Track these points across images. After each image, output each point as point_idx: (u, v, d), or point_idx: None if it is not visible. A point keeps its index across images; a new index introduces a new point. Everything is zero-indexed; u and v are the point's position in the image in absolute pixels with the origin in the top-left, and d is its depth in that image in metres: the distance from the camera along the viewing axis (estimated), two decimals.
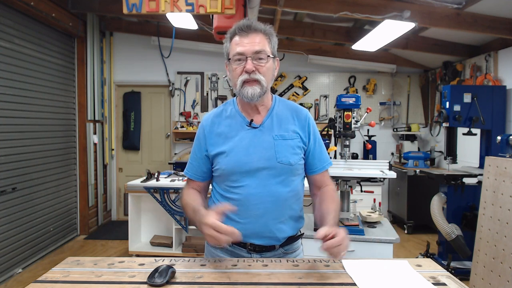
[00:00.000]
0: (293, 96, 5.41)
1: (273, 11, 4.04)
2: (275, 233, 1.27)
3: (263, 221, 1.25)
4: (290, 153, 1.27)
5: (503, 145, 2.97)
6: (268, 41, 1.24)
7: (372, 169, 2.47)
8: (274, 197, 1.25)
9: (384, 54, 5.13)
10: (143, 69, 5.40)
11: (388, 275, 1.05)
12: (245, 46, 1.20)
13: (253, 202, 1.24)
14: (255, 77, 1.20)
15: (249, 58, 1.19)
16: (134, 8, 2.70)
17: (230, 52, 1.25)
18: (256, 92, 1.21)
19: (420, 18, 3.42)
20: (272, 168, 1.24)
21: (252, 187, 1.24)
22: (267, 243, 1.28)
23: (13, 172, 3.45)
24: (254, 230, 1.26)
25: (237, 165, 1.24)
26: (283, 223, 1.28)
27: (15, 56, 3.49)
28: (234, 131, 1.29)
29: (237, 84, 1.23)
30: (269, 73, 1.24)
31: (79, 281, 1.03)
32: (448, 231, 3.13)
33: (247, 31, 1.21)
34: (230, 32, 1.26)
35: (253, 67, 1.19)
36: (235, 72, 1.23)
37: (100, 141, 5.08)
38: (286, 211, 1.29)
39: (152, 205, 3.85)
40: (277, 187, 1.25)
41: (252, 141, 1.26)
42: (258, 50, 1.20)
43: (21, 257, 3.56)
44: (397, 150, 5.41)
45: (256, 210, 1.24)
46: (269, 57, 1.23)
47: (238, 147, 1.26)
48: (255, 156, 1.24)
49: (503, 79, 3.81)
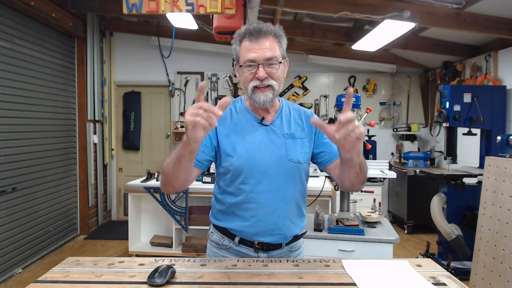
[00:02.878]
0: (293, 96, 5.41)
1: (273, 11, 4.04)
2: (284, 231, 1.28)
3: (273, 219, 1.25)
4: (299, 152, 1.28)
5: (503, 145, 2.97)
6: (278, 44, 1.22)
7: (372, 169, 2.47)
8: (283, 195, 1.26)
9: (384, 54, 5.13)
10: (143, 69, 5.40)
11: (388, 275, 1.05)
12: (256, 52, 1.18)
13: (263, 199, 1.24)
14: (267, 83, 1.20)
15: (261, 65, 1.18)
16: (134, 8, 2.70)
17: (240, 57, 1.23)
18: (268, 98, 1.21)
19: (420, 18, 3.42)
20: (282, 166, 1.25)
21: (263, 184, 1.24)
22: (275, 241, 1.28)
23: (13, 172, 3.45)
24: (263, 228, 1.26)
25: (248, 162, 1.23)
26: (291, 221, 1.29)
27: (15, 56, 3.49)
28: (245, 127, 1.28)
29: (248, 88, 1.22)
30: (280, 78, 1.23)
31: (79, 281, 1.03)
32: (448, 231, 3.13)
33: (258, 37, 1.19)
34: (240, 34, 1.23)
35: (265, 75, 1.18)
36: (246, 78, 1.22)
37: (100, 141, 5.08)
38: (294, 209, 1.30)
39: (152, 205, 3.85)
40: (286, 185, 1.26)
41: (264, 138, 1.26)
42: (270, 56, 1.18)
43: (21, 257, 3.56)
44: (397, 150, 5.41)
45: (267, 208, 1.24)
46: (280, 63, 1.22)
47: (250, 143, 1.25)
48: (266, 154, 1.24)
49: (503, 79, 3.81)
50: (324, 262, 1.15)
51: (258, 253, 1.29)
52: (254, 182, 1.24)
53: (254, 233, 1.26)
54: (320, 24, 4.49)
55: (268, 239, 1.27)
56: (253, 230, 1.26)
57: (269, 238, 1.27)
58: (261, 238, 1.27)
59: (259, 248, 1.28)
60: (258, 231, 1.26)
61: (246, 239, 1.28)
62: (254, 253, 1.29)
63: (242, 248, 1.30)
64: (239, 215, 1.26)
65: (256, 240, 1.27)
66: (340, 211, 2.58)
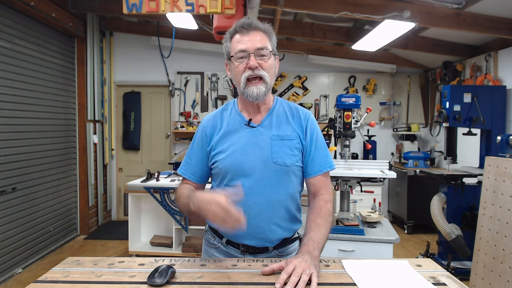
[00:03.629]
0: (293, 96, 5.41)
1: (273, 11, 4.04)
2: (268, 234, 1.25)
3: (256, 222, 1.23)
4: (287, 154, 1.24)
5: (503, 145, 2.97)
6: (268, 39, 1.24)
7: (372, 169, 2.47)
8: (267, 198, 1.23)
9: (384, 54, 5.13)
10: (143, 69, 5.40)
11: (388, 275, 1.05)
12: (247, 43, 1.19)
13: (246, 202, 1.19)
14: (259, 73, 1.19)
15: (252, 54, 1.19)
16: (134, 8, 2.70)
17: (231, 51, 1.23)
18: (261, 91, 1.20)
19: (420, 18, 3.42)
20: (267, 168, 1.23)
21: (246, 187, 1.20)
22: (259, 245, 1.27)
23: (13, 172, 3.45)
24: (247, 231, 1.21)
25: (233, 164, 1.23)
26: (277, 225, 1.26)
27: (15, 56, 3.49)
28: (233, 130, 1.28)
29: (240, 82, 1.22)
30: (271, 70, 1.23)
31: (79, 281, 1.02)
32: (448, 231, 3.13)
33: (248, 29, 1.21)
34: (230, 31, 1.25)
35: (256, 63, 1.19)
36: (238, 70, 1.22)
37: (100, 141, 5.08)
38: (280, 212, 1.26)
39: (152, 205, 3.85)
40: (271, 188, 1.23)
41: (249, 140, 1.25)
42: (261, 46, 1.20)
43: (21, 257, 3.56)
44: (397, 150, 5.41)
45: (249, 211, 1.20)
46: (271, 53, 1.23)
47: (236, 145, 1.25)
48: (251, 156, 1.23)
49: (503, 79, 3.81)
50: (324, 262, 1.15)
51: (245, 255, 1.28)
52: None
53: (238, 236, 1.25)
54: (320, 24, 4.49)
55: (252, 242, 1.25)
56: (237, 232, 1.22)
57: (253, 241, 1.25)
58: (245, 240, 1.26)
59: (245, 250, 1.27)
60: (242, 234, 1.23)
61: (232, 241, 1.28)
62: (241, 255, 1.28)
63: (230, 249, 1.30)
64: None
65: (241, 243, 1.27)
66: (340, 211, 2.59)
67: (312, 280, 0.95)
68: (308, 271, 0.96)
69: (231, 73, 1.27)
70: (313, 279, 0.95)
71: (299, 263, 0.98)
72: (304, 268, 0.97)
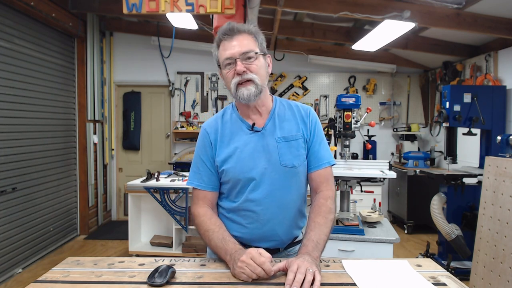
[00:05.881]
0: (293, 96, 5.41)
1: (273, 11, 4.04)
2: (281, 236, 1.27)
3: (269, 226, 1.24)
4: (294, 155, 1.25)
5: (503, 145, 2.97)
6: (254, 39, 1.23)
7: (372, 169, 2.47)
8: (279, 202, 1.24)
9: (384, 54, 5.13)
10: (143, 69, 5.40)
11: (388, 275, 1.05)
12: (232, 49, 1.19)
13: (259, 207, 1.23)
14: (247, 77, 1.19)
15: (238, 59, 1.19)
16: (134, 8, 2.70)
17: (219, 59, 1.24)
18: (251, 92, 1.20)
19: (420, 18, 3.42)
20: (276, 172, 1.23)
21: (257, 192, 1.22)
22: (272, 246, 1.28)
23: (13, 172, 3.45)
24: (260, 235, 1.25)
25: (243, 172, 1.23)
26: (289, 226, 1.28)
27: (15, 56, 3.49)
28: (237, 136, 1.27)
29: (232, 88, 1.22)
30: (261, 71, 1.22)
31: (79, 281, 1.03)
32: (448, 231, 3.13)
33: (231, 34, 1.20)
34: (216, 40, 1.25)
35: (243, 68, 1.19)
36: (228, 77, 1.22)
37: (100, 141, 5.08)
38: (292, 213, 1.28)
39: (152, 205, 3.85)
40: (282, 191, 1.24)
41: (256, 145, 1.25)
42: (245, 51, 1.19)
43: (21, 257, 3.56)
44: (397, 150, 5.41)
45: (263, 216, 1.23)
46: (258, 54, 1.22)
47: (243, 152, 1.24)
48: (260, 162, 1.23)
49: (503, 79, 3.81)
50: (324, 262, 1.15)
51: None
52: (250, 190, 1.23)
53: (251, 239, 1.26)
54: (320, 24, 4.49)
55: (265, 245, 1.25)
56: (250, 236, 1.26)
57: (266, 244, 1.26)
58: (258, 244, 1.25)
59: None
60: (255, 238, 1.26)
61: (243, 244, 1.28)
62: None
63: None
64: (237, 221, 1.26)
65: (253, 246, 1.27)
66: (340, 211, 2.59)
67: (315, 278, 0.97)
68: (311, 270, 0.98)
69: (224, 80, 1.27)
70: (316, 277, 0.97)
71: (302, 262, 1.00)
72: (307, 267, 0.98)
